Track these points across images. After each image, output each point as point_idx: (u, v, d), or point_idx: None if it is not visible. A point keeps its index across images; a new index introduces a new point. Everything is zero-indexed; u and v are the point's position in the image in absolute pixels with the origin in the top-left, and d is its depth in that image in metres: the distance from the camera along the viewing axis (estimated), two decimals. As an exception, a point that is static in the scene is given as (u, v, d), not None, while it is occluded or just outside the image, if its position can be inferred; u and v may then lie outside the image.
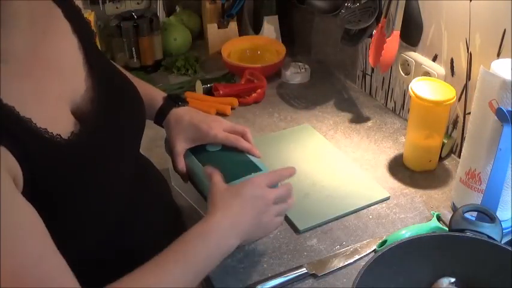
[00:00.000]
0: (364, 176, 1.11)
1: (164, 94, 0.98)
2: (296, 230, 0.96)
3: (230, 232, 0.76)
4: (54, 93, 0.68)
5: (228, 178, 0.84)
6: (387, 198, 1.04)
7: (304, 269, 0.87)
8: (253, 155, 0.92)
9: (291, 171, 0.87)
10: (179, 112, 0.95)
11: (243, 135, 0.94)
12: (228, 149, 0.92)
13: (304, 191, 1.05)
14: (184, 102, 0.98)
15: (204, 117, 0.95)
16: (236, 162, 0.90)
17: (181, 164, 0.92)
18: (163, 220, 0.88)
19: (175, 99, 0.97)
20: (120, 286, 0.65)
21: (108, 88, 0.76)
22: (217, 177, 0.83)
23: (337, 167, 1.13)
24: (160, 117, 0.95)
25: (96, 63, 0.76)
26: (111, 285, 0.65)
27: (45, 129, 0.63)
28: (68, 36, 0.74)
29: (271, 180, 0.83)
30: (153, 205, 0.86)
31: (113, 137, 0.75)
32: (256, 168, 0.88)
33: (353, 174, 1.11)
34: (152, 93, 0.97)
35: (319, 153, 1.18)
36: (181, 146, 0.92)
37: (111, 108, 0.75)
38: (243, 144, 0.92)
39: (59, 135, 0.65)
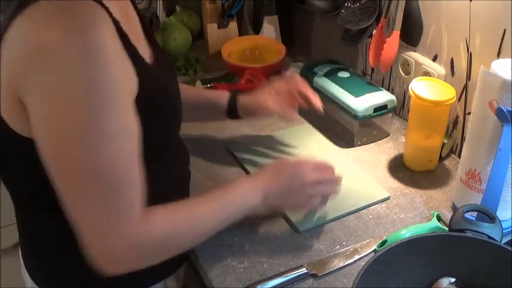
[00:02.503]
0: (364, 176, 1.11)
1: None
2: (296, 230, 0.96)
3: (252, 192, 0.87)
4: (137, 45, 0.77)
5: (355, 94, 1.17)
6: (387, 198, 1.04)
7: (304, 269, 0.87)
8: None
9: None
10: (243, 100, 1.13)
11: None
12: (355, 76, 1.25)
13: (304, 191, 1.05)
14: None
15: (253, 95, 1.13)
16: (361, 85, 1.21)
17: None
18: None
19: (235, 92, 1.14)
20: (167, 210, 0.76)
21: (162, 58, 0.87)
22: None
23: (337, 167, 1.13)
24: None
25: (150, 38, 0.87)
26: (163, 207, 0.75)
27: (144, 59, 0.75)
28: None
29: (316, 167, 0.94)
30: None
31: (174, 93, 0.89)
32: (375, 89, 1.19)
33: (353, 174, 1.11)
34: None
35: (319, 153, 1.18)
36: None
37: (167, 75, 0.88)
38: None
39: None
